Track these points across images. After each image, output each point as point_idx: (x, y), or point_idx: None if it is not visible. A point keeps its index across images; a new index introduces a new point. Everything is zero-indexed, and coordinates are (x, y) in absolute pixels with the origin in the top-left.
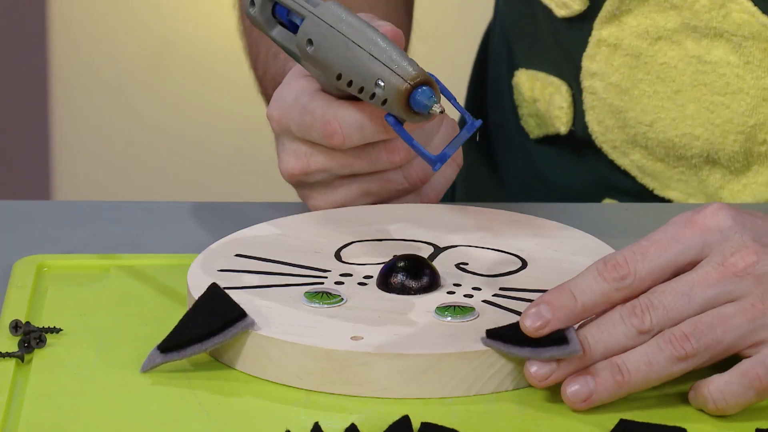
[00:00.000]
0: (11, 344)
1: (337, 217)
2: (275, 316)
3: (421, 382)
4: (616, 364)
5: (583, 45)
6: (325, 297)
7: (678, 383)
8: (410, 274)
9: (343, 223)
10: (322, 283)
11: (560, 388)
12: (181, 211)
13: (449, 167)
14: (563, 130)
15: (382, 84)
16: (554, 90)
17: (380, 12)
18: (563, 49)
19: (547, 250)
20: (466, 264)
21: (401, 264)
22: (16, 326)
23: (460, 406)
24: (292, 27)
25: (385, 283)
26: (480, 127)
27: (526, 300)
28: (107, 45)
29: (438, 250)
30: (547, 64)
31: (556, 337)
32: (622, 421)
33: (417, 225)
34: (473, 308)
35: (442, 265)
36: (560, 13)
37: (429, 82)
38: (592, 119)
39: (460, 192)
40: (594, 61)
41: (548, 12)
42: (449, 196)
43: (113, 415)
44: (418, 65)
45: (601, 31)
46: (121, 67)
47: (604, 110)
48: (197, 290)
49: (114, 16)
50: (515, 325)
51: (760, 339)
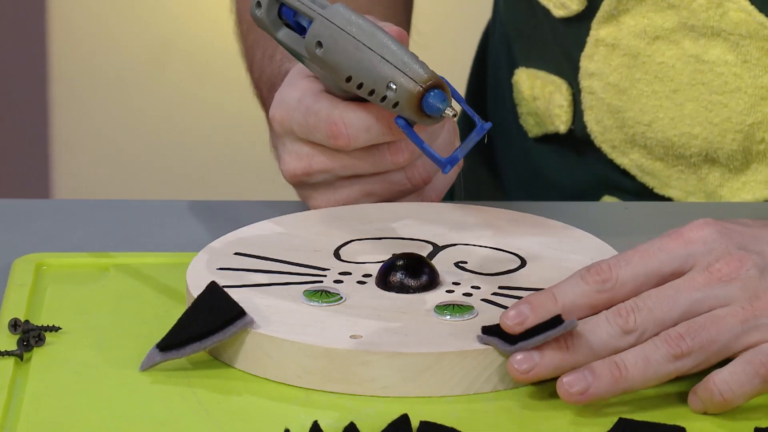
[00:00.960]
0: (10, 343)
1: (337, 215)
2: (274, 315)
3: (420, 380)
4: (614, 361)
5: (581, 45)
6: (324, 295)
7: (678, 383)
8: (409, 272)
9: (342, 222)
10: (322, 282)
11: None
12: (180, 209)
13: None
14: (563, 128)
15: (394, 87)
16: (555, 88)
17: (379, 14)
18: (562, 48)
19: (547, 248)
20: (465, 262)
21: (400, 262)
22: (15, 325)
23: (459, 404)
24: (298, 28)
25: (384, 281)
26: (489, 129)
27: None
28: (107, 44)
29: (437, 249)
30: (548, 63)
31: (549, 322)
32: (621, 420)
33: (416, 223)
34: (472, 307)
35: (441, 263)
36: (558, 13)
37: (441, 85)
38: (590, 119)
39: (460, 191)
40: (592, 61)
41: (546, 12)
42: (449, 195)
43: (113, 413)
44: (429, 68)
45: (599, 31)
46: (120, 66)
47: (602, 110)
48: (196, 289)
49: (113, 15)
50: None
51: (753, 341)
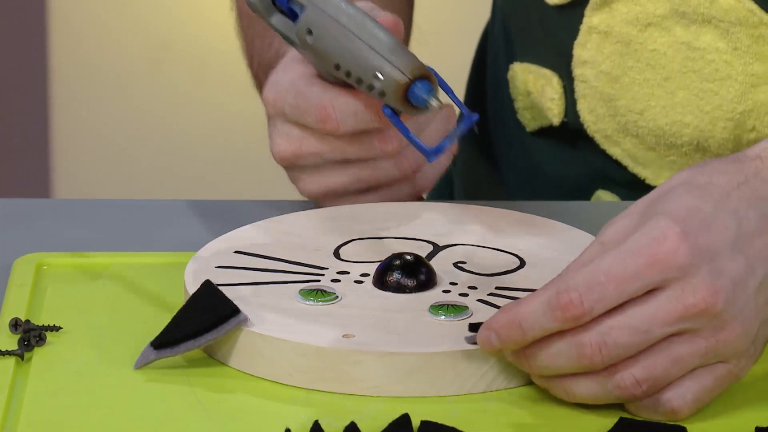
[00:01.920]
0: (11, 342)
1: (337, 215)
2: (269, 313)
3: (411, 380)
4: (563, 389)
5: (574, 33)
6: (319, 294)
7: None
8: (406, 272)
9: (343, 221)
10: (319, 281)
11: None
12: (180, 209)
13: (442, 156)
14: (555, 121)
15: (380, 76)
16: (545, 82)
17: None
18: (554, 38)
19: (547, 249)
20: (464, 263)
21: (397, 262)
22: (15, 324)
23: (460, 404)
24: (291, 15)
25: (381, 281)
26: (477, 121)
27: None
28: (107, 43)
29: (437, 249)
30: (538, 56)
31: None
32: (621, 419)
33: (417, 223)
34: (467, 307)
35: (440, 263)
36: (552, 1)
37: (428, 76)
38: (583, 108)
39: (459, 188)
40: (585, 49)
41: (540, 1)
42: (448, 193)
43: (113, 412)
44: (418, 59)
45: (592, 18)
46: (120, 66)
47: (595, 98)
48: (194, 287)
49: (113, 15)
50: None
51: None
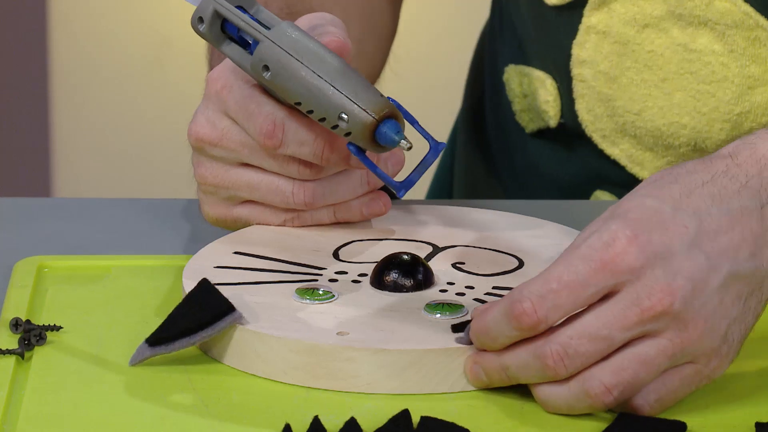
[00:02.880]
0: (11, 342)
1: None
2: (264, 312)
3: (403, 377)
4: (540, 399)
5: (573, 33)
6: (315, 293)
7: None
8: (403, 272)
9: (342, 223)
10: (317, 281)
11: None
12: (181, 208)
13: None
14: (552, 123)
15: (345, 117)
16: (539, 84)
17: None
18: (552, 39)
19: (546, 250)
20: (463, 263)
21: (395, 262)
22: (16, 324)
23: (459, 400)
24: (242, 42)
25: (379, 280)
26: (443, 148)
27: None
28: (107, 42)
29: (437, 250)
30: (533, 59)
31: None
32: (621, 414)
33: (417, 224)
34: (462, 306)
35: (439, 264)
36: (552, 1)
37: (395, 115)
38: (582, 108)
39: (458, 188)
40: (583, 49)
41: (539, 1)
42: (447, 193)
43: (112, 410)
44: (381, 95)
45: (591, 18)
46: (120, 65)
47: (593, 98)
48: (192, 287)
49: (113, 13)
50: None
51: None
